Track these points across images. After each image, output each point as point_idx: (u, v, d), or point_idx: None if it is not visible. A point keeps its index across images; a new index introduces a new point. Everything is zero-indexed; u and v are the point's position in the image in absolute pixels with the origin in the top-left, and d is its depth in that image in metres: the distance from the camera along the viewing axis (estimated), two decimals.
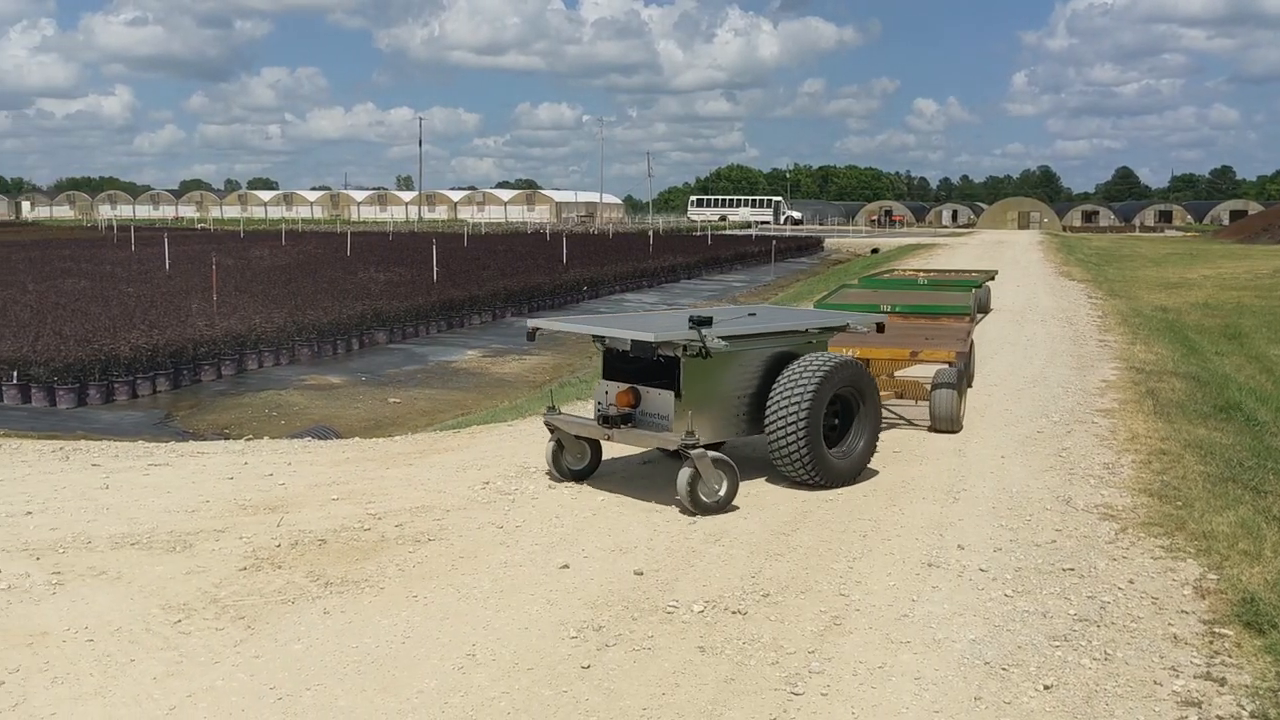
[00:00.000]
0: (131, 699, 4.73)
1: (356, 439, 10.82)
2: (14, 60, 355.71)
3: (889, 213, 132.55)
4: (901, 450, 9.63)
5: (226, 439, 11.16)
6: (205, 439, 11.26)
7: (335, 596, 5.98)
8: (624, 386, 8.11)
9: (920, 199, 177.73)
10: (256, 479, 8.58)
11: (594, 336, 8.23)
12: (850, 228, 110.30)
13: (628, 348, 7.83)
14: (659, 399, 7.95)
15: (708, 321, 8.01)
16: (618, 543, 6.94)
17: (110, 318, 17.42)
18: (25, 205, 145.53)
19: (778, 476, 8.60)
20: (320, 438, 10.77)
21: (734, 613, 5.74)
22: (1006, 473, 8.81)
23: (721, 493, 7.65)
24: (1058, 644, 5.36)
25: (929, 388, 10.27)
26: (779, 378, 8.08)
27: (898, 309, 13.50)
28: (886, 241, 69.05)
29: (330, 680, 4.94)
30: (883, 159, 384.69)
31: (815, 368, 8.03)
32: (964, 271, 19.15)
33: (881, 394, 10.25)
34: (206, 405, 13.75)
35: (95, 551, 6.75)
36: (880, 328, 9.33)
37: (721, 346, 7.87)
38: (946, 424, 10.20)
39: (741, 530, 7.20)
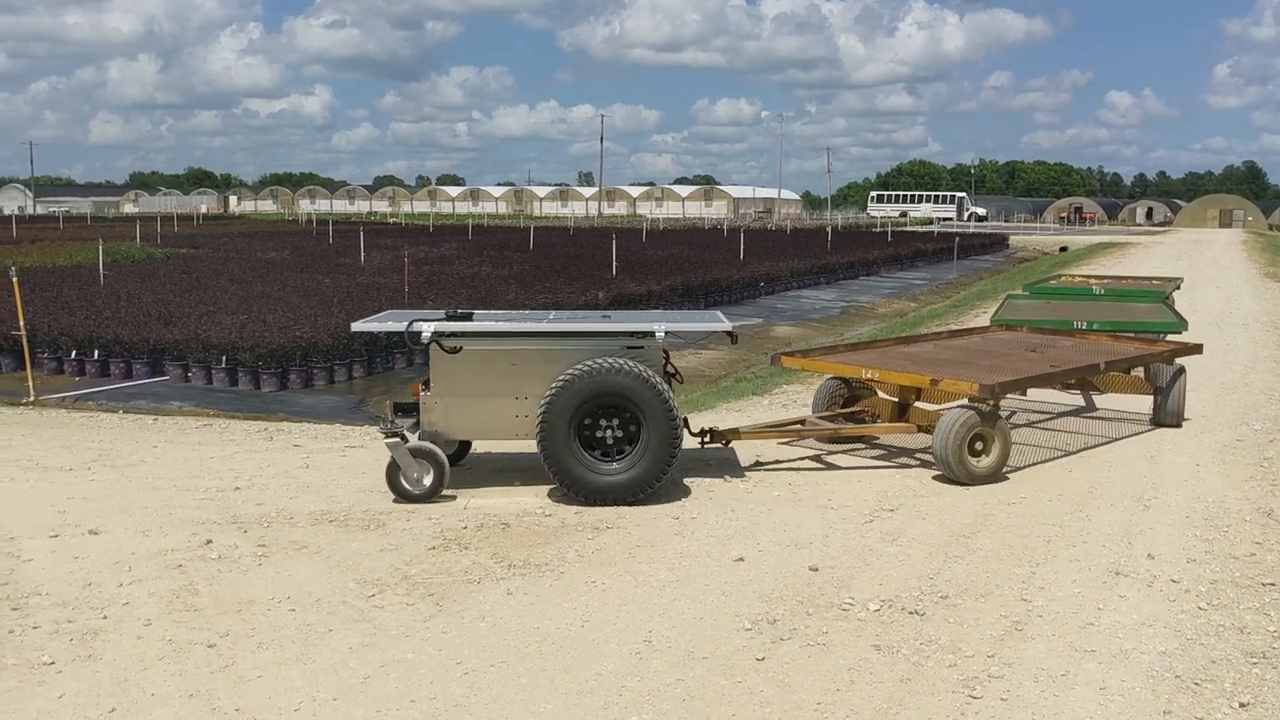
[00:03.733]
0: (330, 667, 5.02)
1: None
2: (223, 63, 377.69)
3: (1079, 209, 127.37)
4: (1088, 456, 9.32)
5: None
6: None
7: (518, 578, 6.19)
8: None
9: (1113, 195, 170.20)
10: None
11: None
12: (1038, 225, 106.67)
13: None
14: None
15: (466, 317, 7.95)
16: (792, 538, 6.95)
17: (310, 308, 18.35)
18: (233, 199, 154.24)
19: (947, 478, 8.46)
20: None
21: (911, 613, 5.68)
22: (1202, 481, 8.43)
23: (427, 483, 7.58)
24: (1255, 661, 5.12)
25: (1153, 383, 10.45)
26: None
27: (1094, 326, 12.34)
28: (1075, 239, 66.52)
29: (513, 658, 5.12)
30: (1073, 154, 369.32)
31: (571, 375, 7.56)
32: (1143, 279, 16.95)
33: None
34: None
35: (297, 527, 7.16)
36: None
37: (428, 339, 7.65)
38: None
39: (919, 531, 7.11)
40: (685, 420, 8.40)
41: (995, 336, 11.86)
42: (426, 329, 7.73)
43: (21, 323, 13.49)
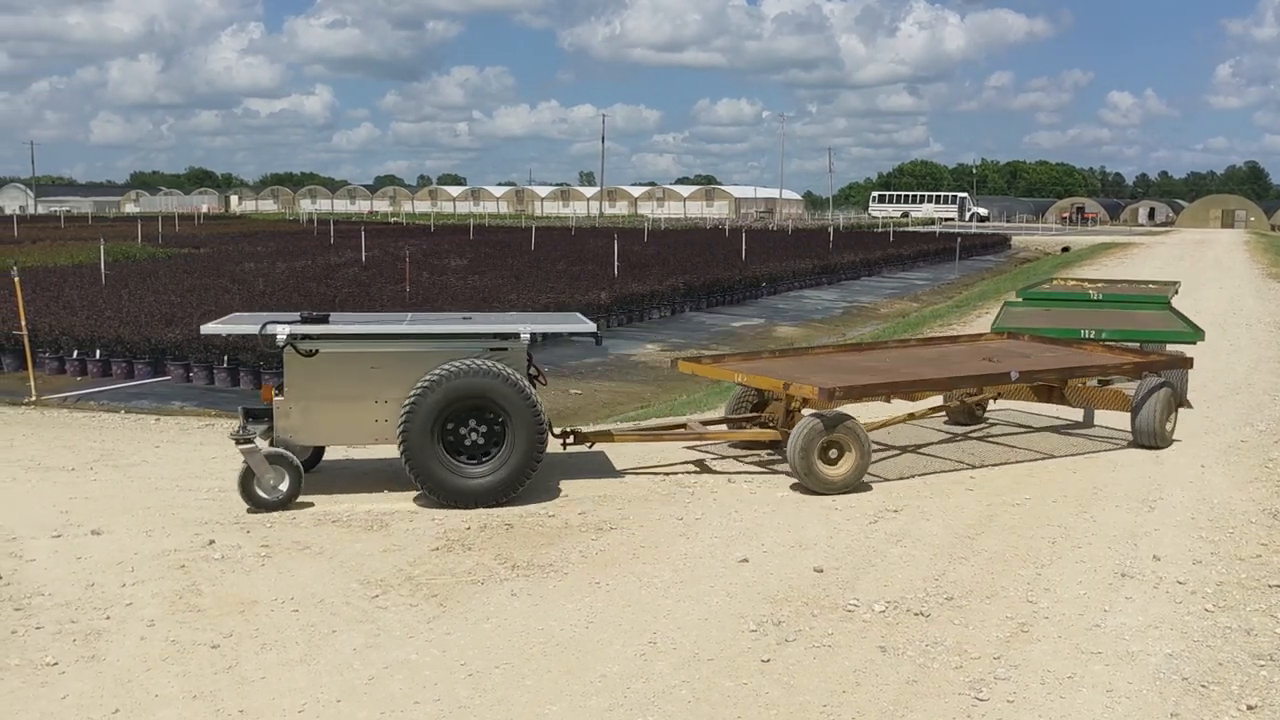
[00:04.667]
0: (334, 668, 5.01)
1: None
2: (224, 63, 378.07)
3: (1081, 210, 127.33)
4: (1093, 457, 9.30)
5: None
6: None
7: (522, 579, 6.17)
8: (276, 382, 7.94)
9: (1115, 196, 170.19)
10: None
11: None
12: (1040, 225, 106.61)
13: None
14: None
15: (322, 319, 7.82)
16: (797, 539, 6.93)
17: (312, 306, 18.35)
18: (234, 199, 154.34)
19: (959, 481, 8.46)
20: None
21: (916, 614, 5.67)
22: (1207, 483, 8.41)
23: (283, 489, 7.43)
24: (1263, 663, 5.10)
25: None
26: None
27: (1104, 336, 11.35)
28: (1078, 240, 66.50)
29: (517, 660, 5.11)
30: (1074, 154, 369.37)
31: (434, 377, 7.44)
32: (1138, 283, 16.19)
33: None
34: None
35: (300, 527, 7.14)
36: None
37: (283, 341, 7.50)
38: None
39: (924, 532, 7.09)
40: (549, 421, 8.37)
41: (981, 345, 11.12)
42: (281, 331, 7.55)
43: (23, 322, 13.47)
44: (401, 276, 23.04)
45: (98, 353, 15.08)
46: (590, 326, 8.43)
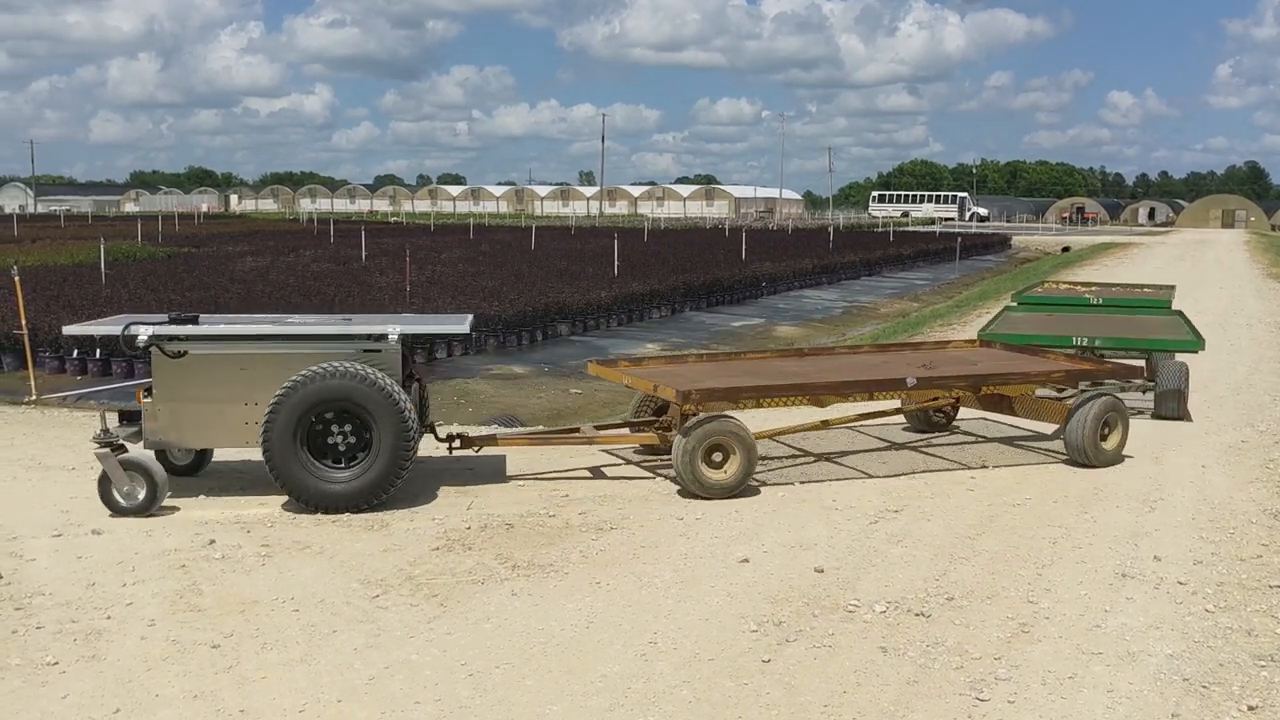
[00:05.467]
0: (334, 668, 5.00)
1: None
2: (223, 62, 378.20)
3: (1081, 210, 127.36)
4: None
5: None
6: None
7: (522, 579, 6.17)
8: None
9: (1115, 196, 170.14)
10: (448, 462, 8.90)
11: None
12: (1040, 225, 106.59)
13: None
14: None
15: (191, 320, 7.77)
16: (798, 539, 6.93)
17: (313, 306, 18.33)
18: (234, 199, 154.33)
19: (959, 481, 8.45)
20: (505, 427, 11.12)
21: (917, 615, 5.66)
22: (1208, 483, 8.41)
23: (140, 496, 7.31)
24: (1263, 664, 5.10)
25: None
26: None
27: (1097, 343, 11.05)
28: (1078, 240, 66.50)
29: (518, 660, 5.10)
30: (1074, 154, 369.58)
31: (295, 380, 7.32)
32: (1133, 286, 15.75)
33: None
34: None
35: (300, 527, 7.14)
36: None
37: (143, 343, 7.43)
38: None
39: (924, 532, 7.09)
40: (431, 425, 8.36)
41: (948, 353, 10.73)
42: (144, 332, 7.48)
43: (24, 321, 13.47)
44: (401, 276, 23.03)
45: (97, 352, 15.08)
46: (464, 328, 8.38)
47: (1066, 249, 55.17)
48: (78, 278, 23.45)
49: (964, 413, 10.55)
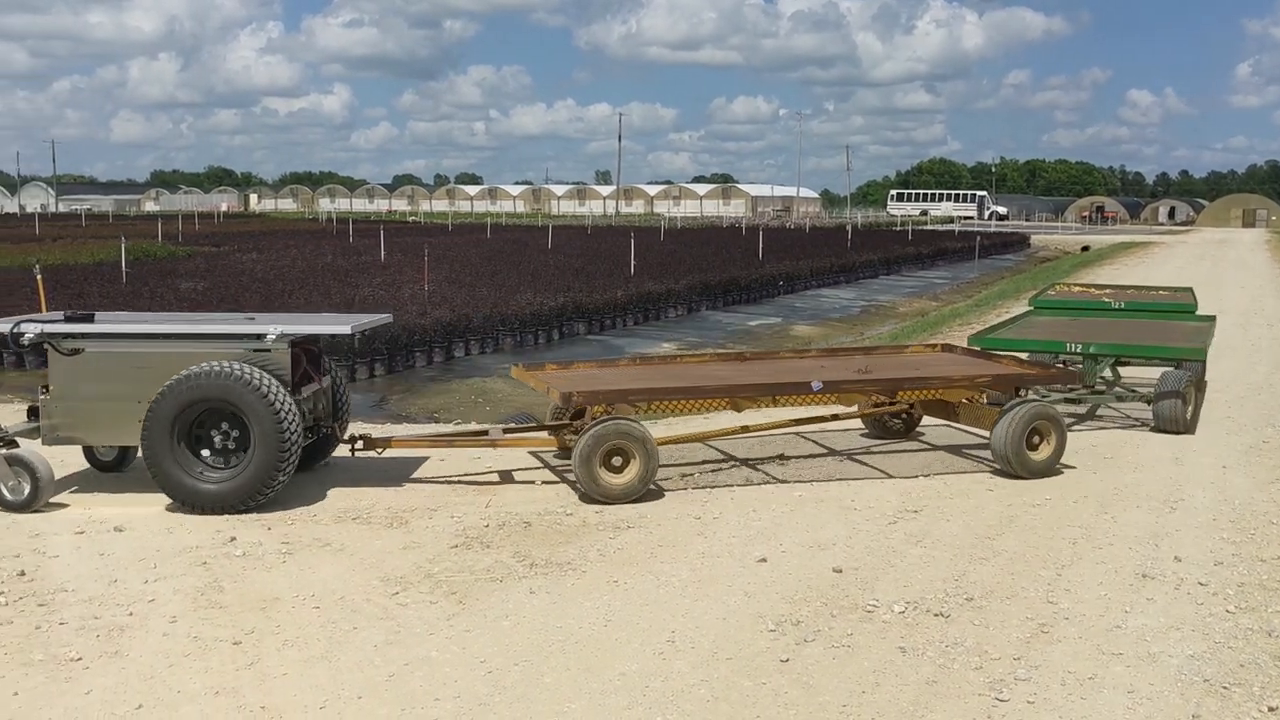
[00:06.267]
0: (354, 665, 5.03)
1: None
2: (243, 62, 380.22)
3: (1100, 209, 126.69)
4: (1114, 457, 9.26)
5: (435, 422, 11.66)
6: (416, 422, 11.79)
7: (540, 577, 6.18)
8: None
9: (1135, 195, 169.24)
10: (466, 462, 8.92)
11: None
12: (1059, 224, 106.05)
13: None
14: None
15: (87, 318, 7.80)
16: (816, 539, 6.93)
17: (332, 305, 18.40)
18: (253, 198, 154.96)
19: (979, 481, 8.43)
20: (520, 424, 11.14)
21: (936, 615, 5.66)
22: (1229, 483, 8.36)
23: (25, 491, 7.36)
24: None
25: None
26: None
27: (1092, 350, 10.47)
28: (1097, 239, 66.18)
29: (536, 657, 5.12)
30: (1093, 153, 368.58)
31: (174, 379, 7.30)
32: (1146, 289, 15.44)
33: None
34: (418, 390, 14.35)
35: (320, 524, 7.18)
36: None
37: (29, 341, 7.49)
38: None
39: (944, 532, 7.08)
40: (334, 428, 8.32)
41: (901, 358, 10.38)
42: (31, 330, 7.54)
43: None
44: (419, 275, 23.10)
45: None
46: (346, 329, 8.37)
47: (1086, 248, 54.91)
48: (99, 276, 23.62)
49: None
